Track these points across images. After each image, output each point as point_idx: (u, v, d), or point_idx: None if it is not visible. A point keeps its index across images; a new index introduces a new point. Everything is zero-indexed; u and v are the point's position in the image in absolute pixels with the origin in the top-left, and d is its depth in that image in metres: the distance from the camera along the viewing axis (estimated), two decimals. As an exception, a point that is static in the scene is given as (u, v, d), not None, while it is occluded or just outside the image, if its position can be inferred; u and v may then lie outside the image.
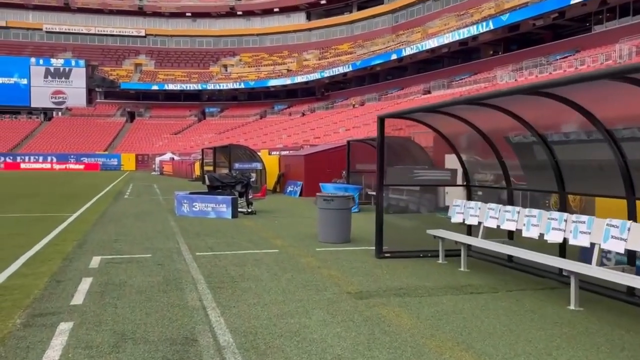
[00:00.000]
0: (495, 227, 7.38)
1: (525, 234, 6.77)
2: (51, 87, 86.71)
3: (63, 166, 67.16)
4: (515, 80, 45.46)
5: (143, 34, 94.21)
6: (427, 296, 6.05)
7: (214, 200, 14.11)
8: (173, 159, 52.14)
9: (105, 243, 9.65)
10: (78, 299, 5.82)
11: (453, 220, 8.28)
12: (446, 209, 15.52)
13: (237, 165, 23.47)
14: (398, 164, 16.96)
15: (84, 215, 14.59)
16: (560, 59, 44.91)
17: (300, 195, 22.38)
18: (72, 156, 68.61)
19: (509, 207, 7.21)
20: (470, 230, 8.59)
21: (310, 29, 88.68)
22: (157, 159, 56.78)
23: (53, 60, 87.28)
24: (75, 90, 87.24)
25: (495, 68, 51.71)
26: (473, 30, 53.04)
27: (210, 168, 31.33)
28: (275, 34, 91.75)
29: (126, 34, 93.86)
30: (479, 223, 7.71)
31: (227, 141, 57.48)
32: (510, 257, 7.72)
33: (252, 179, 16.31)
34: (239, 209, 14.54)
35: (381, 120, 8.23)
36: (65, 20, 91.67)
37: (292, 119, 74.22)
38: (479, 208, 7.72)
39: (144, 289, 6.30)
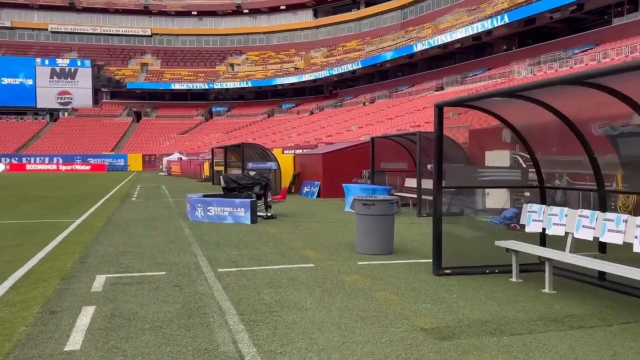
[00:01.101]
0: (591, 239, 5.99)
1: (638, 248, 5.37)
2: (57, 87, 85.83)
3: (69, 167, 66.14)
4: (534, 74, 43.91)
5: (149, 33, 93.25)
6: (527, 334, 4.66)
7: (231, 204, 12.76)
8: (181, 159, 50.91)
9: (111, 257, 8.31)
10: (75, 340, 4.46)
11: (528, 229, 6.88)
12: (486, 211, 14.16)
13: (250, 165, 22.14)
14: (430, 162, 15.61)
15: (88, 221, 13.29)
16: (579, 52, 43.32)
17: (318, 196, 21.04)
18: (78, 157, 67.58)
19: (610, 215, 5.80)
20: (544, 240, 7.21)
21: (317, 27, 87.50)
22: (165, 159, 55.60)
23: (59, 61, 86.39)
24: (81, 90, 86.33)
25: (511, 63, 50.21)
26: (487, 25, 51.51)
27: (221, 168, 30.06)
28: (282, 32, 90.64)
29: (132, 33, 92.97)
30: (566, 234, 6.31)
31: (235, 140, 56.24)
32: (602, 275, 6.34)
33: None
34: (258, 213, 13.20)
35: (439, 109, 6.85)
36: (70, 20, 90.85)
37: (300, 118, 72.95)
38: (566, 215, 6.31)
39: (159, 323, 4.94)
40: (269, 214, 13.64)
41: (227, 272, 7.20)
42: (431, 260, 7.72)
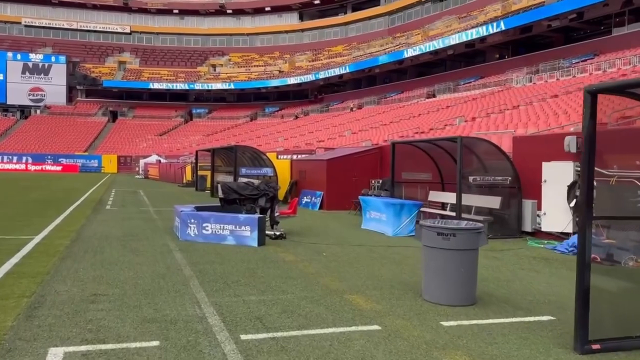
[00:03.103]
0: None
1: None
2: (29, 83, 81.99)
3: (39, 167, 62.46)
4: (534, 83, 42.26)
5: (128, 30, 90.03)
6: None
7: (233, 221, 10.17)
8: (160, 161, 47.92)
9: (76, 305, 5.67)
10: None
11: None
12: (535, 234, 11.89)
13: (243, 171, 19.59)
14: (469, 173, 13.25)
15: (50, 238, 10.55)
16: (579, 62, 41.84)
17: (321, 208, 18.58)
18: (49, 157, 63.90)
19: None
20: None
21: (302, 30, 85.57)
22: (142, 161, 52.49)
23: (32, 56, 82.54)
24: (54, 87, 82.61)
25: (507, 71, 48.67)
26: (482, 31, 49.93)
27: (206, 173, 27.43)
28: (266, 33, 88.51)
29: (110, 30, 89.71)
30: None
31: (217, 143, 53.36)
32: None
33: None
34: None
35: (592, 96, 4.46)
36: (45, 14, 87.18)
37: (284, 122, 70.54)
38: None
39: None
40: (277, 233, 11.10)
41: (255, 342, 4.64)
42: (539, 318, 5.38)
